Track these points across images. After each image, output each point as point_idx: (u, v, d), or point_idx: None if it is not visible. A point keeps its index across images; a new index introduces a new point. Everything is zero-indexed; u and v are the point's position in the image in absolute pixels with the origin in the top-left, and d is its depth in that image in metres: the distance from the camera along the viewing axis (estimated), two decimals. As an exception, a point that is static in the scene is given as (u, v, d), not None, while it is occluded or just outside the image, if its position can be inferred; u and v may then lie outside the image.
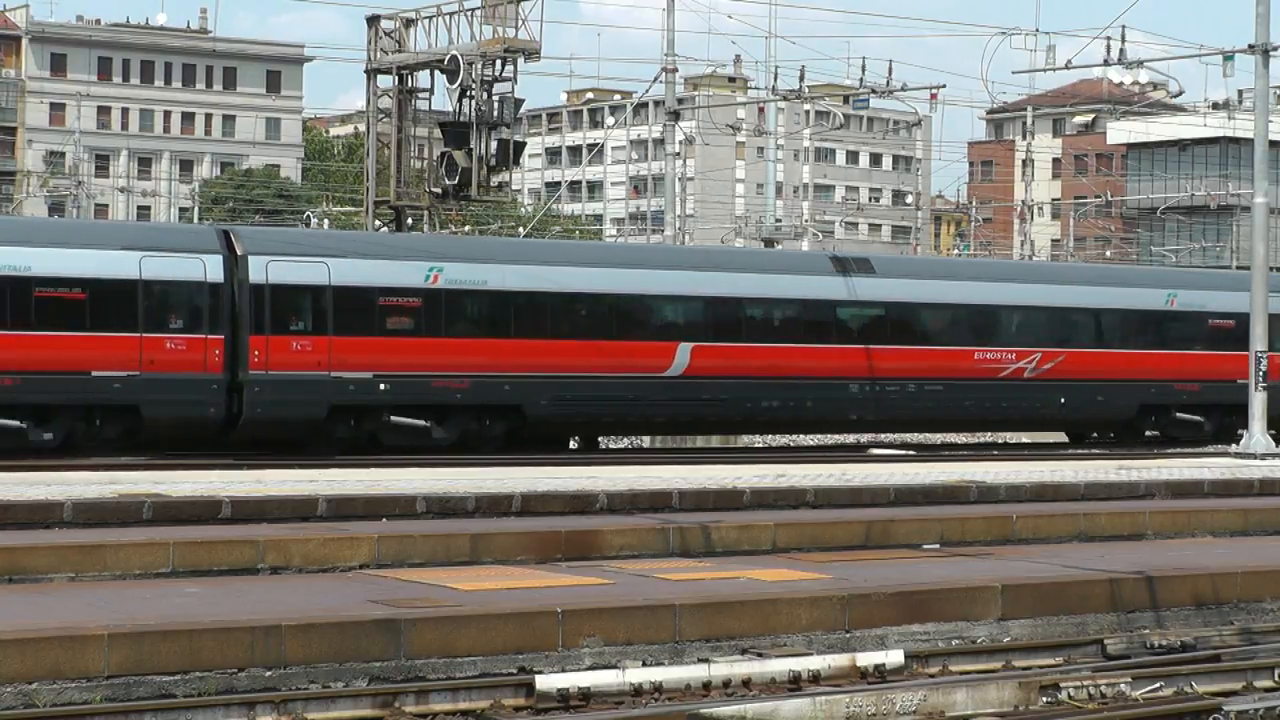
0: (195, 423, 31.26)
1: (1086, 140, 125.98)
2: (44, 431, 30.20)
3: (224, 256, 31.62)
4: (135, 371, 30.56)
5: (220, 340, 31.24)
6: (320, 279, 32.13)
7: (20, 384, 29.80)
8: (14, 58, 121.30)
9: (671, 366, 34.80)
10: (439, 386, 32.99)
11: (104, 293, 30.64)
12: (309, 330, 32.00)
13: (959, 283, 38.93)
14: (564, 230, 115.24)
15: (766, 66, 61.04)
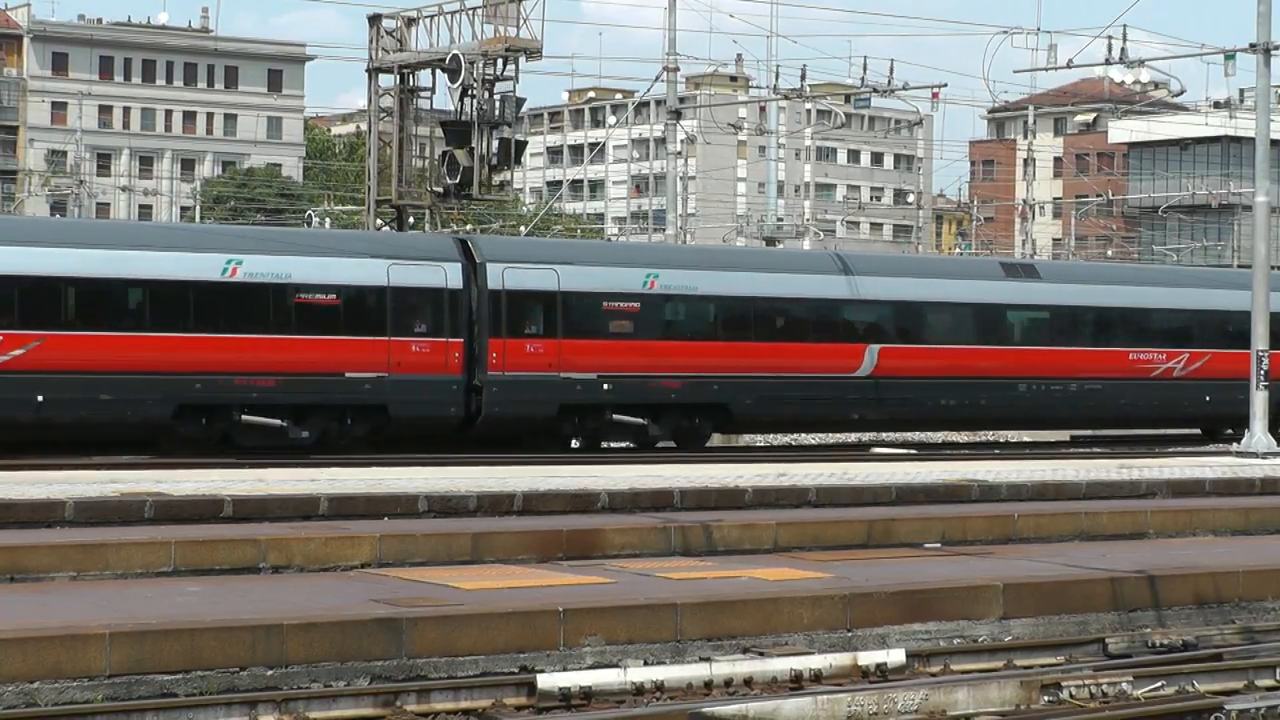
0: (437, 422, 33.09)
1: (1088, 139, 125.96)
2: (301, 430, 31.90)
3: (463, 264, 33.45)
4: (384, 373, 32.35)
5: (460, 343, 33.04)
6: (550, 285, 33.95)
7: (281, 385, 31.64)
8: (15, 57, 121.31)
9: (860, 367, 36.70)
10: (655, 386, 34.89)
11: (356, 298, 32.56)
12: (540, 334, 33.85)
13: (1114, 287, 40.78)
14: (565, 230, 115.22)
15: (768, 65, 61.08)
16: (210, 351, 31.01)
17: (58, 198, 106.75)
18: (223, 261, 31.47)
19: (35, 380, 29.73)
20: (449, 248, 33.99)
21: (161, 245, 31.89)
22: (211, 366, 31.00)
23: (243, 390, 31.29)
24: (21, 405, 29.52)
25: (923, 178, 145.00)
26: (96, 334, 30.50)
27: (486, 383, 33.12)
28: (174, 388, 30.79)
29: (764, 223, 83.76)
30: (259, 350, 31.47)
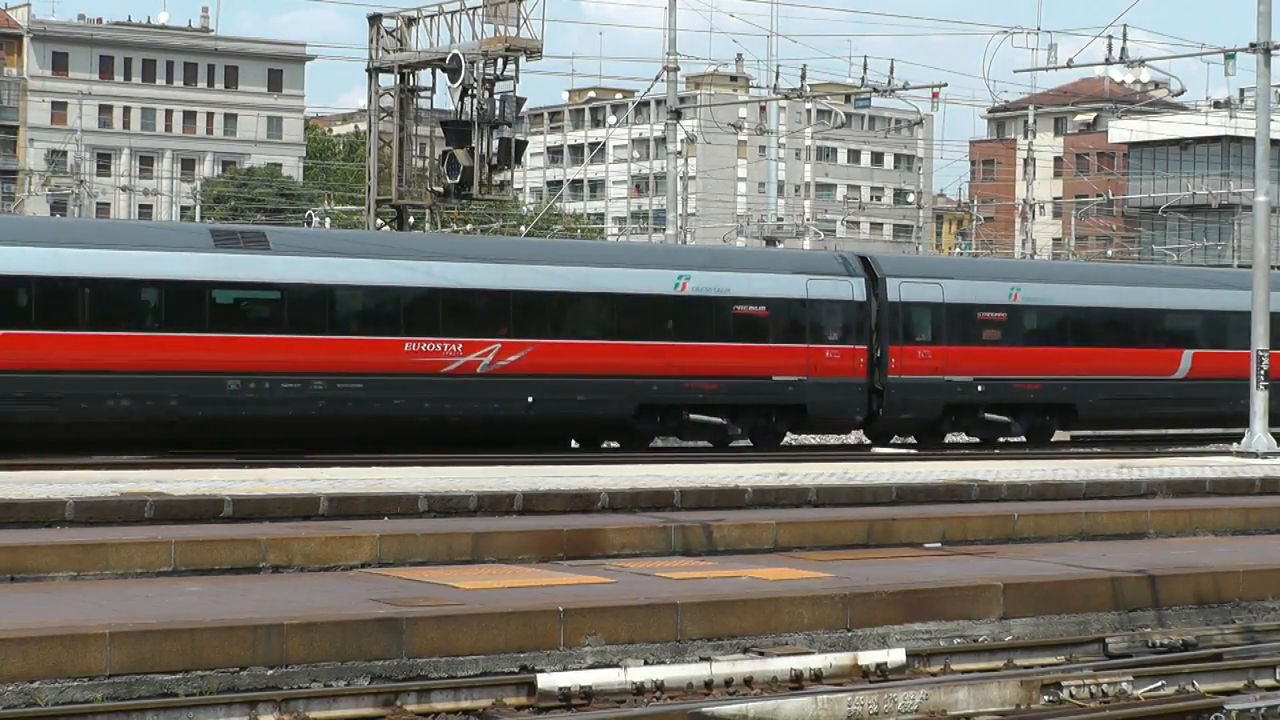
0: (844, 421, 38.32)
1: (1088, 139, 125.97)
2: (737, 427, 36.12)
3: (865, 279, 37.27)
4: (804, 376, 36.23)
5: (864, 350, 36.99)
6: (936, 297, 37.87)
7: (721, 387, 35.61)
8: (15, 56, 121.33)
9: (1177, 370, 40.60)
10: (1019, 389, 38.84)
11: (781, 310, 36.28)
12: (929, 341, 37.79)
13: None
14: (565, 229, 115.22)
15: (768, 65, 61.08)
16: (666, 357, 35.07)
17: (58, 198, 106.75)
18: (675, 277, 35.37)
19: (527, 382, 33.63)
20: (854, 264, 37.94)
21: (624, 263, 36.20)
22: (666, 371, 35.01)
23: (691, 392, 35.31)
24: (516, 404, 33.56)
25: (923, 177, 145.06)
26: (575, 342, 34.52)
27: (887, 385, 37.22)
28: (636, 389, 34.75)
29: (764, 223, 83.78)
30: (704, 356, 35.52)
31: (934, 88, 49.78)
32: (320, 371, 32.05)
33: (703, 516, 20.85)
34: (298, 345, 32.03)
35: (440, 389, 32.91)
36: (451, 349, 33.02)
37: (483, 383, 33.18)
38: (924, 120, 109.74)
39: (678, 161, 68.64)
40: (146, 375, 30.74)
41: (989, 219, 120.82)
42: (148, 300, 31.21)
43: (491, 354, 33.27)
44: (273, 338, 31.94)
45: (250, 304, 32.23)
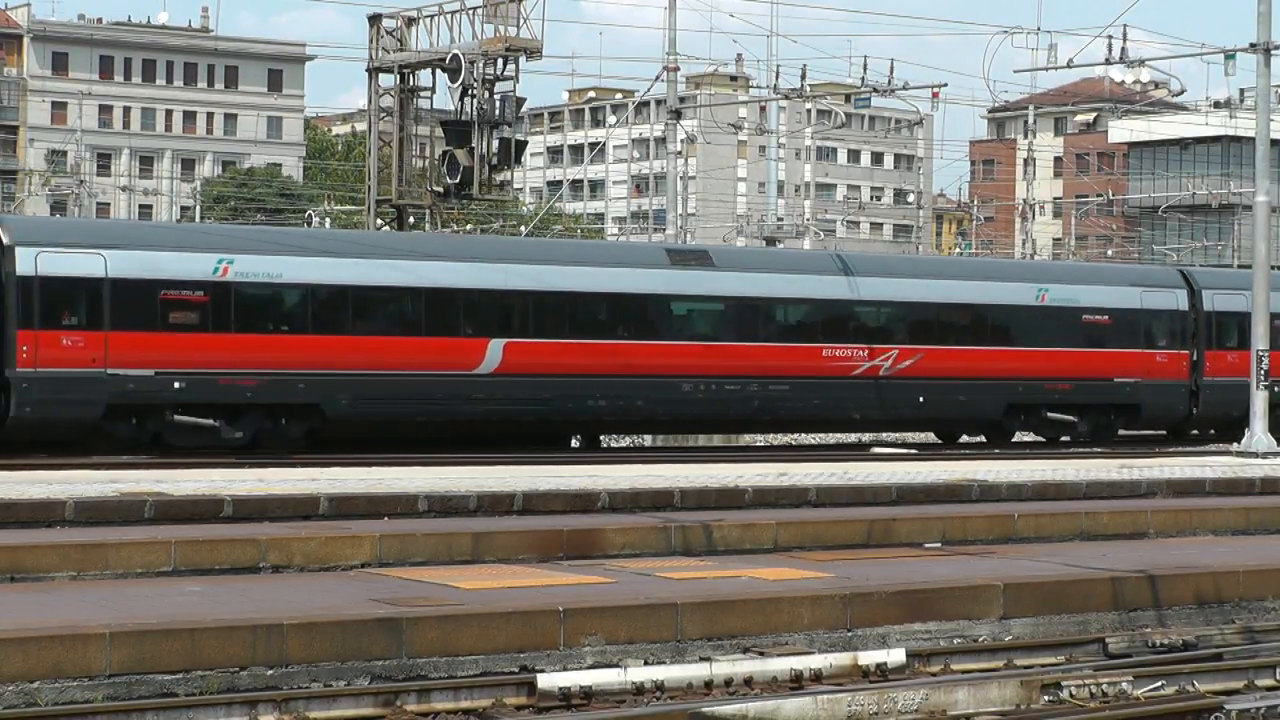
0: (1171, 420, 41.17)
1: (1088, 139, 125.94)
2: (1084, 425, 39.56)
3: (1186, 291, 40.68)
4: (1139, 379, 39.76)
5: (1186, 355, 40.39)
6: (1243, 306, 38.41)
7: (1073, 388, 39.24)
8: (15, 56, 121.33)
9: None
10: None
11: (1121, 318, 39.72)
12: (1236, 346, 40.04)
13: None
14: (565, 229, 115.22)
15: (768, 65, 61.04)
16: (1030, 362, 38.52)
17: (58, 198, 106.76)
18: (1035, 290, 39.03)
19: (919, 385, 37.42)
20: (1176, 277, 41.51)
21: (992, 276, 40.19)
22: (1030, 374, 38.51)
23: (1049, 393, 38.97)
24: (910, 404, 37.37)
25: (923, 177, 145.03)
26: (957, 348, 38.10)
27: (1202, 386, 40.43)
28: (1006, 390, 38.54)
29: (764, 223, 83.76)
30: (1061, 360, 39.08)
31: (934, 88, 49.73)
32: (756, 375, 35.80)
33: (703, 516, 20.85)
34: (739, 351, 35.74)
35: (851, 390, 36.80)
36: (859, 354, 36.90)
37: (884, 384, 37.09)
38: (924, 120, 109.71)
39: (678, 161, 68.64)
40: (619, 378, 34.51)
41: (989, 219, 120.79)
42: (620, 312, 35.03)
43: (891, 359, 37.12)
44: (719, 345, 35.70)
45: (700, 315, 36.32)
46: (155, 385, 30.62)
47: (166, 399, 30.73)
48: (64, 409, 30.10)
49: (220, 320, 31.31)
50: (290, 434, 31.86)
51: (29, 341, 29.91)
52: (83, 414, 30.25)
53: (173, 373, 30.80)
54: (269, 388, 31.55)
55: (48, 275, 30.22)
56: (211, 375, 31.07)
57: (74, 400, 30.11)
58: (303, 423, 32.03)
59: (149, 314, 30.81)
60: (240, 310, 31.58)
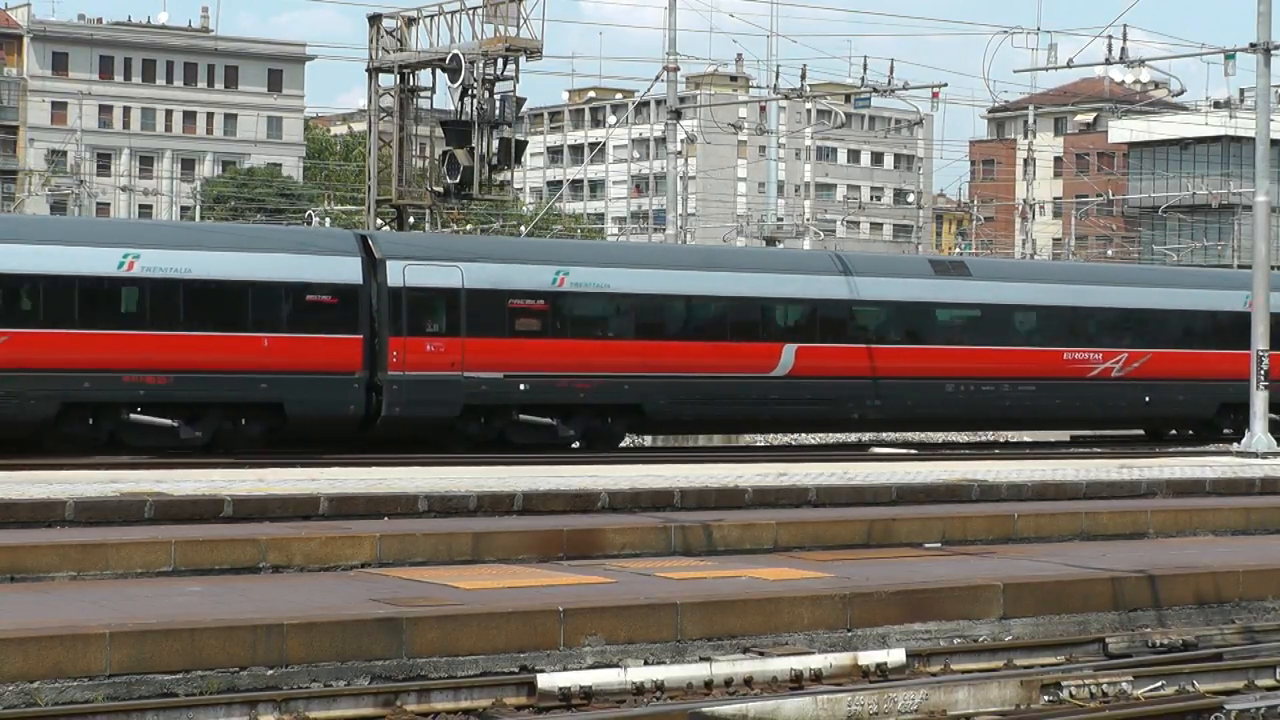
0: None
1: (1088, 139, 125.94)
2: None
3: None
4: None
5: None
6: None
7: None
8: (15, 56, 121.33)
9: None
10: None
11: None
12: None
13: None
14: (565, 229, 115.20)
15: (768, 65, 61.02)
16: (1240, 364, 37.37)
17: (58, 198, 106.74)
18: (1243, 297, 39.03)
19: (1146, 385, 39.66)
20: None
21: (1200, 285, 42.07)
22: (1241, 375, 37.41)
23: None
24: (1137, 403, 39.75)
25: (923, 177, 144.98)
26: (1178, 351, 40.47)
27: None
28: (1218, 391, 40.51)
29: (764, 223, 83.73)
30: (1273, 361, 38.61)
31: (934, 88, 49.71)
32: (1007, 376, 38.17)
33: (703, 516, 20.85)
34: (994, 355, 38.17)
35: (1088, 390, 39.35)
36: (1094, 358, 39.45)
37: (1116, 385, 39.66)
38: (924, 120, 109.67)
39: (678, 161, 68.63)
40: (893, 380, 36.95)
41: (989, 219, 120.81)
42: (894, 319, 37.66)
43: (1121, 362, 39.65)
44: (976, 349, 38.25)
45: (960, 321, 38.72)
46: (504, 387, 33.44)
47: (513, 400, 33.61)
48: (427, 409, 32.87)
49: (558, 327, 34.27)
50: (613, 432, 35.23)
51: (398, 347, 32.68)
52: (442, 413, 33.08)
53: (519, 375, 33.63)
54: (599, 389, 34.38)
55: (413, 286, 32.98)
56: (552, 378, 33.91)
57: (436, 401, 32.90)
58: (624, 421, 35.25)
59: (499, 322, 33.65)
60: (575, 318, 34.69)
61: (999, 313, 38.71)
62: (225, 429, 31.64)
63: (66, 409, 30.29)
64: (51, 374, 30.14)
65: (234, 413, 31.70)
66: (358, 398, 32.27)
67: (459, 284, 33.12)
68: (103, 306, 30.78)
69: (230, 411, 31.64)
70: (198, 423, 31.24)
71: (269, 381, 31.65)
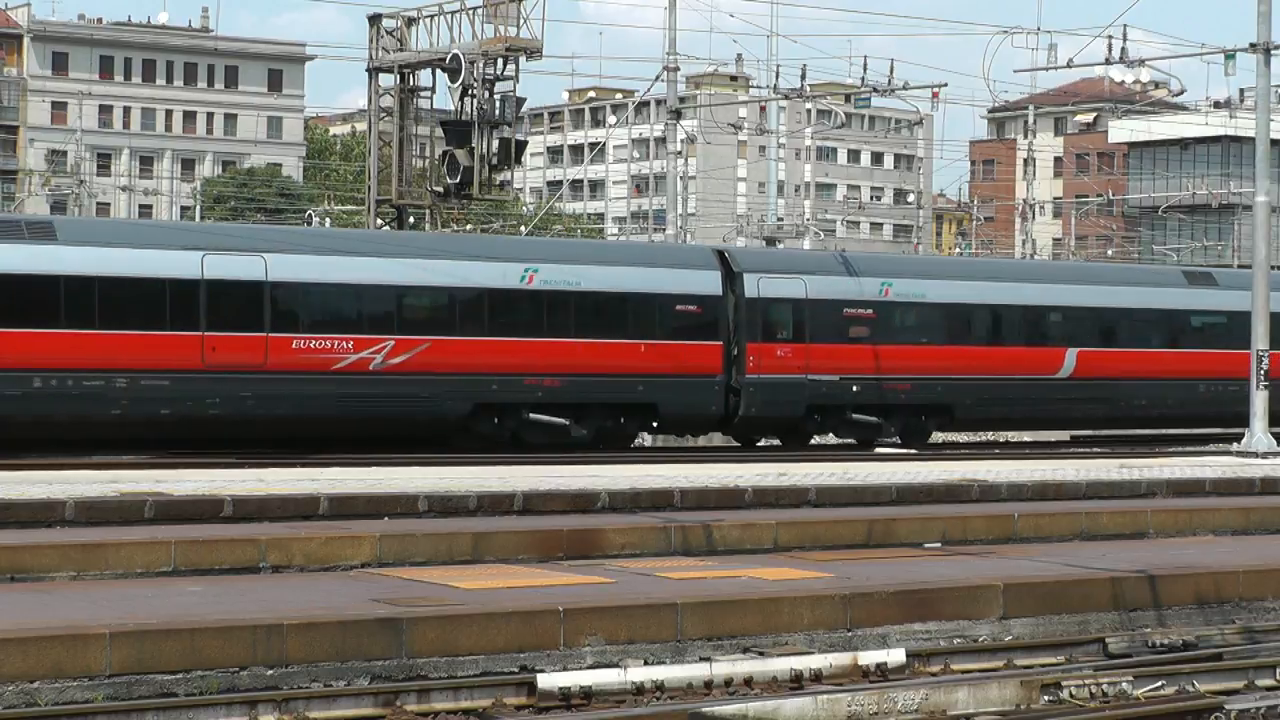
0: None
1: (1088, 139, 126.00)
2: None
3: None
4: None
5: None
6: None
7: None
8: (15, 56, 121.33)
9: None
10: None
11: None
12: None
13: None
14: (565, 229, 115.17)
15: (768, 65, 61.14)
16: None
17: (58, 198, 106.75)
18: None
19: None
20: None
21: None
22: None
23: None
24: None
25: (923, 177, 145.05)
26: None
27: None
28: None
29: (764, 223, 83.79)
30: None
31: (934, 88, 49.69)
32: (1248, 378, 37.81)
33: (703, 516, 20.84)
34: (1237, 358, 37.72)
35: None
36: None
37: None
38: (924, 120, 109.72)
39: (678, 161, 68.63)
40: (1157, 381, 39.59)
41: (989, 219, 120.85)
42: (1156, 325, 40.17)
43: None
44: (1222, 352, 40.29)
45: (1209, 327, 41.25)
46: (840, 389, 36.62)
47: (847, 400, 36.72)
48: (777, 409, 36.25)
49: (882, 333, 37.18)
50: (926, 429, 38.17)
51: (755, 353, 35.77)
52: (790, 413, 36.50)
53: (852, 378, 36.71)
54: (917, 391, 37.49)
55: (766, 297, 36.11)
56: (878, 380, 36.99)
57: (785, 401, 36.18)
58: (935, 420, 38.32)
59: (836, 329, 36.62)
60: (897, 326, 37.60)
61: (1244, 319, 38.92)
62: (606, 427, 34.68)
63: (477, 409, 33.18)
64: (466, 377, 33.08)
65: (614, 412, 34.76)
66: (719, 399, 35.49)
67: (803, 295, 36.34)
68: (508, 316, 33.86)
69: (611, 411, 34.67)
70: (584, 421, 34.24)
71: (644, 384, 34.80)
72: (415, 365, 32.55)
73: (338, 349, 31.97)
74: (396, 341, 32.44)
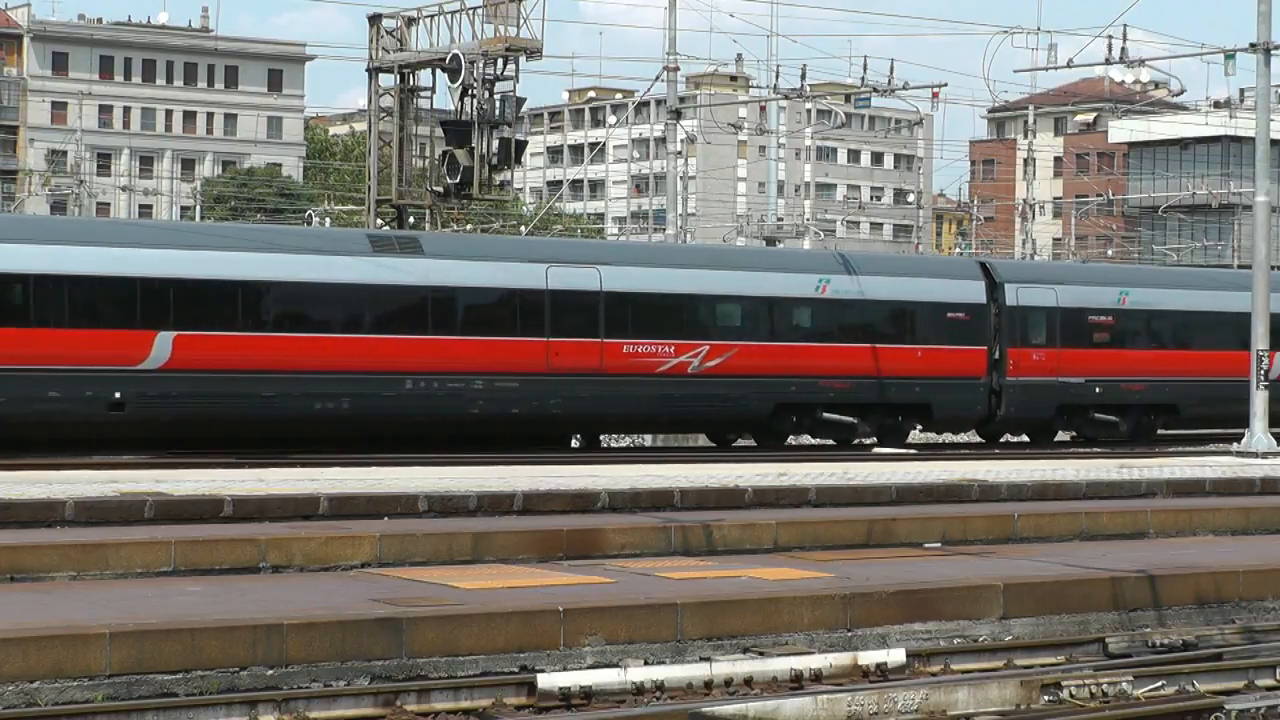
0: None
1: (1088, 139, 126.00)
2: None
3: None
4: None
5: None
6: None
7: None
8: (15, 56, 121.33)
9: None
10: None
11: None
12: None
13: None
14: (565, 229, 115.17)
15: (768, 65, 61.10)
16: None
17: (58, 198, 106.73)
18: None
19: None
20: None
21: None
22: None
23: None
24: None
25: (923, 177, 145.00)
26: None
27: None
28: None
29: (764, 223, 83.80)
30: None
31: (934, 88, 49.64)
32: None
33: (703, 516, 20.84)
34: None
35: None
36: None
37: None
38: (924, 120, 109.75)
39: (678, 161, 68.63)
40: None
41: (989, 219, 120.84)
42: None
43: None
44: None
45: None
46: (1085, 391, 39.54)
47: (1090, 401, 39.68)
48: (1033, 409, 39.19)
49: (1119, 339, 40.11)
50: (1154, 427, 40.74)
51: (1015, 357, 38.63)
52: (1043, 413, 39.46)
53: (1095, 380, 39.62)
54: (1148, 391, 40.31)
55: (1025, 305, 38.98)
56: (1116, 382, 39.91)
57: (1040, 402, 39.09)
58: (1161, 419, 40.83)
59: (1082, 334, 39.51)
60: (1131, 331, 40.48)
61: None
62: (887, 425, 37.50)
63: (778, 409, 36.33)
64: (769, 379, 36.01)
65: (894, 412, 37.57)
66: (984, 400, 38.39)
67: (1055, 303, 39.26)
68: (805, 323, 36.82)
69: (891, 411, 37.50)
70: (868, 420, 37.15)
71: (921, 386, 37.60)
72: (726, 368, 35.56)
73: (661, 353, 34.98)
74: (710, 347, 35.42)
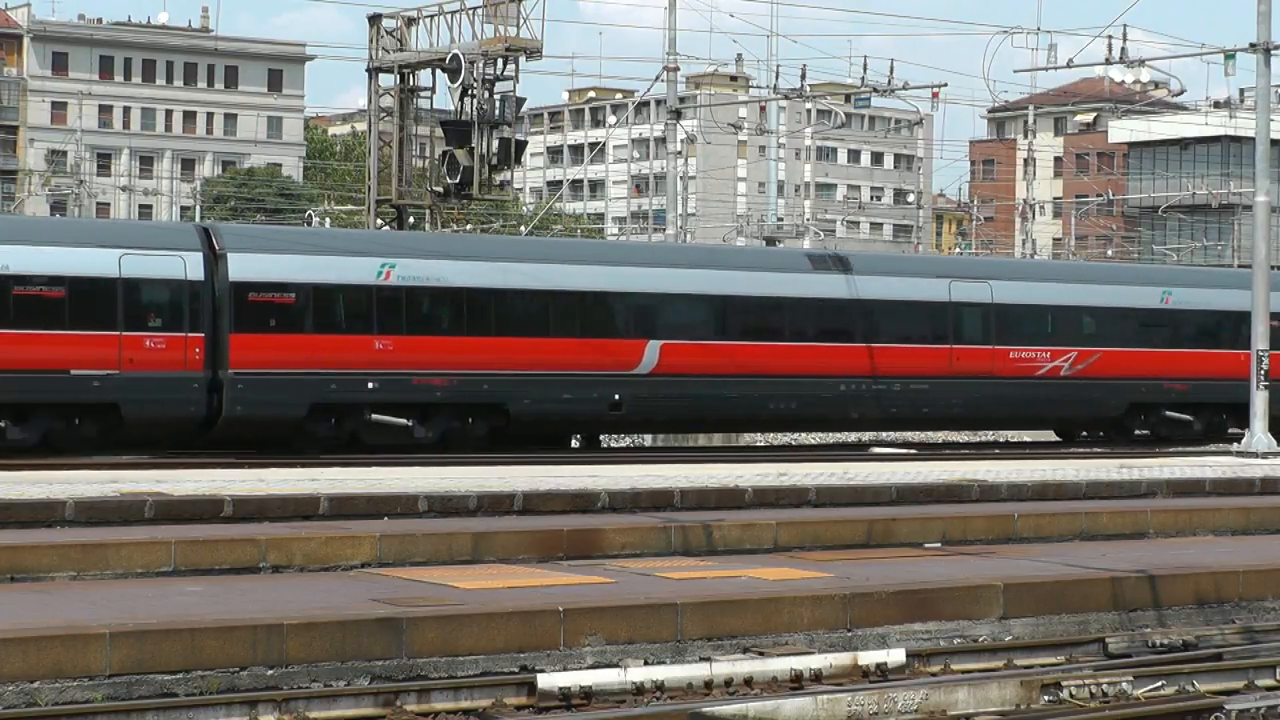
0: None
1: (1088, 139, 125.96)
2: None
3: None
4: None
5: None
6: None
7: None
8: (15, 57, 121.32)
9: None
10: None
11: None
12: None
13: None
14: (565, 229, 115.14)
15: (768, 65, 61.11)
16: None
17: (58, 198, 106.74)
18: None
19: None
20: None
21: None
22: None
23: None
24: None
25: (923, 177, 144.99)
26: None
27: None
28: None
29: (764, 223, 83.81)
30: None
31: (934, 88, 49.63)
32: None
33: (703, 516, 20.84)
34: None
35: None
36: None
37: None
38: (924, 120, 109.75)
39: (678, 161, 68.61)
40: None
41: (989, 219, 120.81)
42: None
43: None
44: None
45: None
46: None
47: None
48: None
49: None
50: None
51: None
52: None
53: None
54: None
55: None
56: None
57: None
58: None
59: None
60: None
61: None
62: (1214, 422, 40.79)
63: (1131, 408, 39.83)
64: (1124, 381, 39.63)
65: (1220, 411, 40.67)
66: None
67: None
68: (1152, 330, 40.44)
69: (1218, 410, 40.72)
70: (1199, 418, 40.63)
71: (1240, 388, 37.28)
72: (1091, 371, 39.41)
73: (1039, 359, 38.92)
74: (1078, 353, 39.37)
